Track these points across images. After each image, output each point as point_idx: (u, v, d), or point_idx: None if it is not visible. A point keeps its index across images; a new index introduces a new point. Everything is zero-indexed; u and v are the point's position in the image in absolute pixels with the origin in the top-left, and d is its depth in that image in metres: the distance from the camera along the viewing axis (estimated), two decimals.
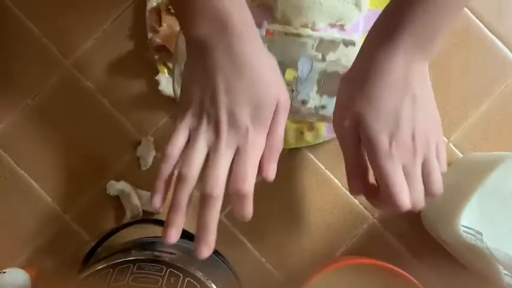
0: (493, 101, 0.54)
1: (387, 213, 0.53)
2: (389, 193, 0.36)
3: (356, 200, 0.53)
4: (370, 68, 0.36)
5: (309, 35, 0.45)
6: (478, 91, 0.53)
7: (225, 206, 0.35)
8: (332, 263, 0.47)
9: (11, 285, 0.49)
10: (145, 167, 0.53)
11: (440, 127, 0.39)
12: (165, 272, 0.41)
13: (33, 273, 0.52)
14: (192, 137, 0.37)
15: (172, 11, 0.49)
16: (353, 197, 0.53)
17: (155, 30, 0.51)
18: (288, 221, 0.53)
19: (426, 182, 0.37)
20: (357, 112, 0.37)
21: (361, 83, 0.37)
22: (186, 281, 0.40)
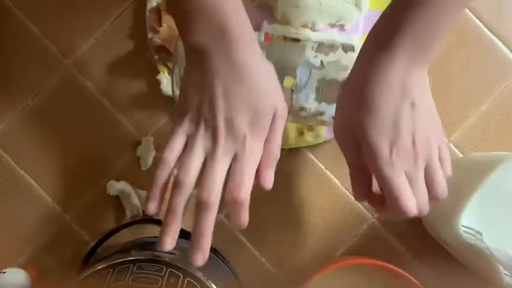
0: (493, 101, 0.54)
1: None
2: (394, 199, 0.35)
3: (356, 200, 0.53)
4: (367, 76, 0.36)
5: (308, 39, 0.45)
6: (478, 91, 0.53)
7: (226, 206, 0.35)
8: (332, 263, 0.47)
9: (11, 285, 0.49)
10: (145, 167, 0.53)
11: (442, 132, 0.39)
12: (165, 272, 0.41)
13: (33, 273, 0.52)
14: (189, 142, 0.36)
15: None
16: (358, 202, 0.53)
17: (155, 30, 0.51)
18: (288, 221, 0.53)
19: (430, 187, 0.37)
20: (356, 120, 0.37)
21: (359, 91, 0.36)
22: (186, 281, 0.40)
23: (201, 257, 0.35)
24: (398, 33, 0.34)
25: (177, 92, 0.43)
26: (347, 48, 0.44)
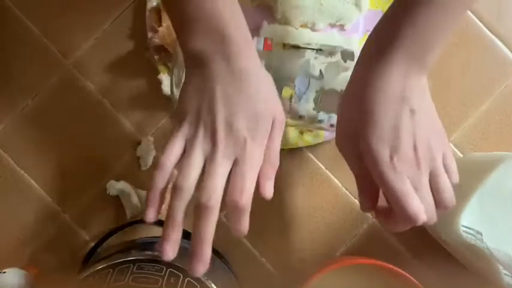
0: (493, 101, 0.54)
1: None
2: (400, 205, 0.35)
3: (356, 200, 0.53)
4: (367, 84, 0.36)
5: (307, 44, 0.44)
6: (478, 91, 0.53)
7: (225, 207, 0.35)
8: (332, 263, 0.47)
9: (11, 285, 0.49)
10: (145, 167, 0.53)
11: (445, 138, 0.38)
12: (165, 272, 0.41)
13: (33, 273, 0.52)
14: (188, 147, 0.36)
15: None
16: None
17: (155, 30, 0.51)
18: (288, 221, 0.53)
19: (435, 193, 0.36)
20: (357, 129, 0.36)
21: (358, 100, 0.36)
22: (186, 281, 0.40)
23: (201, 267, 0.34)
24: (399, 34, 0.34)
25: (176, 93, 0.43)
26: (346, 56, 0.43)
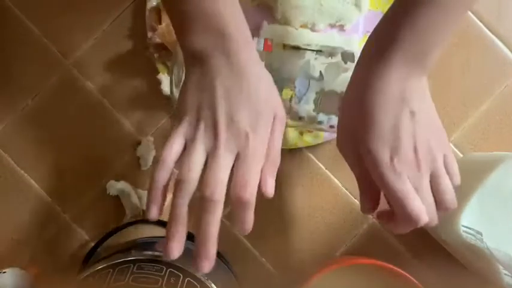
0: (493, 101, 0.54)
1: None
2: (401, 206, 0.35)
3: (356, 200, 0.53)
4: (366, 86, 0.35)
5: (307, 45, 0.44)
6: (478, 91, 0.53)
7: (225, 207, 0.35)
8: (332, 263, 0.47)
9: (11, 285, 0.49)
10: (145, 167, 0.53)
11: (446, 140, 0.38)
12: (165, 272, 0.41)
13: (33, 273, 0.52)
14: (188, 143, 0.35)
15: None
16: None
17: (155, 30, 0.51)
18: (288, 221, 0.53)
19: (436, 195, 0.36)
20: (357, 132, 0.36)
21: (359, 102, 0.36)
22: (186, 281, 0.40)
23: (207, 263, 0.34)
24: (399, 35, 0.34)
25: (175, 93, 0.43)
26: (347, 57, 0.43)
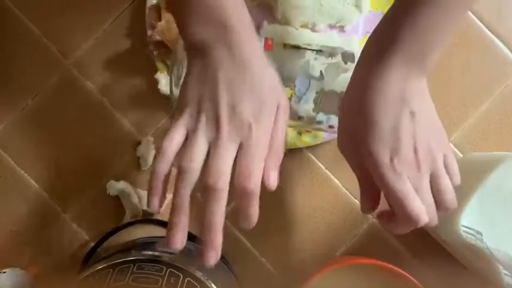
0: (493, 101, 0.54)
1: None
2: (401, 206, 0.35)
3: (356, 200, 0.53)
4: (366, 86, 0.35)
5: (307, 45, 0.44)
6: (478, 91, 0.53)
7: (226, 206, 0.35)
8: (332, 263, 0.47)
9: (11, 285, 0.49)
10: (145, 167, 0.53)
11: (446, 140, 0.38)
12: (165, 272, 0.41)
13: (33, 273, 0.52)
14: (190, 135, 0.35)
15: None
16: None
17: (155, 27, 0.51)
18: (288, 220, 0.53)
19: (436, 195, 0.36)
20: (357, 132, 0.36)
21: (358, 102, 0.36)
22: (186, 281, 0.40)
23: (213, 255, 0.33)
24: (399, 35, 0.34)
25: (175, 92, 0.43)
26: (347, 57, 0.43)
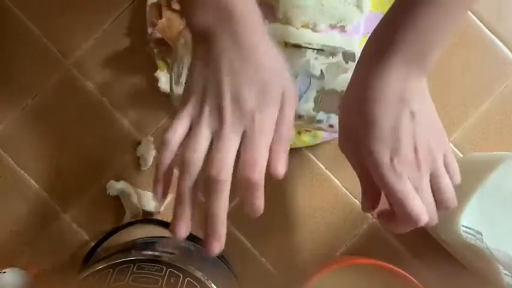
0: (493, 101, 0.54)
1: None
2: (401, 206, 0.35)
3: (356, 200, 0.53)
4: (367, 86, 0.35)
5: (308, 44, 0.44)
6: (478, 91, 0.54)
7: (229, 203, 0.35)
8: (332, 263, 0.47)
9: (11, 285, 0.49)
10: (145, 167, 0.53)
11: (446, 140, 0.38)
12: (165, 272, 0.41)
13: (33, 273, 0.52)
14: (194, 124, 0.35)
15: (172, 7, 0.49)
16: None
17: (155, 25, 0.50)
18: (288, 221, 0.53)
19: (436, 194, 0.36)
20: (358, 132, 0.36)
21: (358, 102, 0.36)
22: (186, 281, 0.40)
23: (217, 245, 0.34)
24: (399, 35, 0.34)
25: (175, 90, 0.43)
26: (348, 57, 0.43)
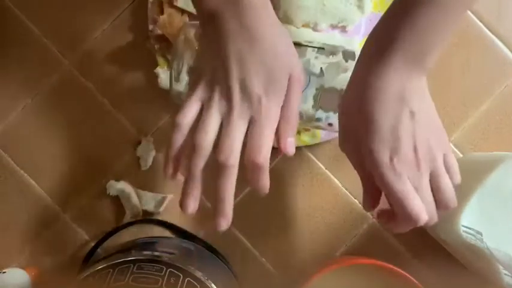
0: (493, 101, 0.54)
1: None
2: (401, 205, 0.35)
3: (356, 200, 0.53)
4: (366, 85, 0.36)
5: (309, 42, 0.44)
6: (478, 91, 0.53)
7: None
8: (332, 263, 0.47)
9: (11, 285, 0.49)
10: (145, 167, 0.53)
11: (446, 139, 0.38)
12: (165, 272, 0.41)
13: (33, 273, 0.52)
14: (204, 108, 0.36)
15: (173, 4, 0.50)
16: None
17: (156, 22, 0.51)
18: (288, 221, 0.53)
19: (436, 194, 0.37)
20: (358, 131, 0.36)
21: (358, 101, 0.36)
22: (186, 281, 0.40)
23: (224, 221, 0.36)
24: (399, 34, 0.34)
25: (175, 87, 0.43)
26: (348, 56, 0.43)
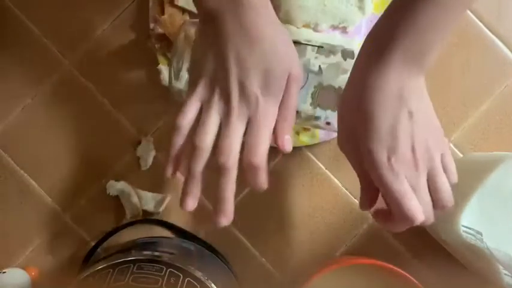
0: (493, 101, 0.54)
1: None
2: (397, 205, 0.35)
3: (356, 200, 0.53)
4: (365, 85, 0.36)
5: (308, 41, 0.44)
6: (478, 91, 0.53)
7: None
8: (332, 263, 0.47)
9: (11, 285, 0.49)
10: (145, 167, 0.53)
11: (444, 139, 0.38)
12: (165, 272, 0.41)
13: (33, 273, 0.52)
14: (204, 109, 0.37)
15: (174, 3, 0.50)
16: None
17: (157, 21, 0.51)
18: (288, 221, 0.53)
19: (433, 193, 0.37)
20: (356, 130, 0.37)
21: (357, 100, 0.36)
22: (186, 281, 0.40)
23: (224, 219, 0.37)
24: (398, 34, 0.34)
25: (175, 85, 0.43)
26: (347, 54, 0.43)
